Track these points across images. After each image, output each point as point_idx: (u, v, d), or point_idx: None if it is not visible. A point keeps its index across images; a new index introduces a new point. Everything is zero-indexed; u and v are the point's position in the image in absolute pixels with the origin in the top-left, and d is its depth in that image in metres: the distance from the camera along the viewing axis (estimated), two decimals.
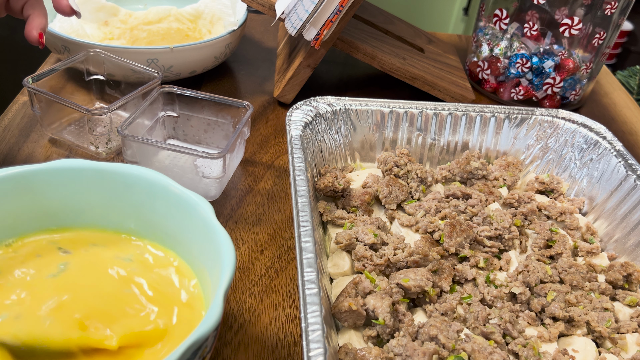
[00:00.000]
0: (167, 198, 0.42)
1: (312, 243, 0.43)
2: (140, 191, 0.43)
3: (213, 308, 0.33)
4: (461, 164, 0.59)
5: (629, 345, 0.45)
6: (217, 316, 0.33)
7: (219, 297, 0.34)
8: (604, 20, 0.75)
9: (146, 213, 0.44)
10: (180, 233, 0.43)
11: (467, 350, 0.40)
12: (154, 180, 0.43)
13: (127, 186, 0.43)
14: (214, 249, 0.39)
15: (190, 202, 0.41)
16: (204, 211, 0.41)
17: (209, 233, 0.39)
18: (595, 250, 0.53)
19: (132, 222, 0.45)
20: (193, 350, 0.31)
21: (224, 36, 0.75)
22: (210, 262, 0.40)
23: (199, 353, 0.33)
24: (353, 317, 0.42)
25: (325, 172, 0.57)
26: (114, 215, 0.44)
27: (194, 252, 0.42)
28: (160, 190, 0.43)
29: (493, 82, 0.83)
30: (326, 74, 0.87)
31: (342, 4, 0.65)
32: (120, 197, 0.44)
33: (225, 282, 0.35)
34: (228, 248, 0.37)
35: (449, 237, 0.49)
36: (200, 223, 0.40)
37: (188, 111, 0.63)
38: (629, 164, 0.56)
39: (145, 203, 0.43)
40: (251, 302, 0.49)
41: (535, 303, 0.46)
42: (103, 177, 0.43)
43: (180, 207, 0.42)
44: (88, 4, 0.82)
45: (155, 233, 0.44)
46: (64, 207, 0.44)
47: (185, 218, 0.42)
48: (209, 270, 0.40)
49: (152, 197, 0.43)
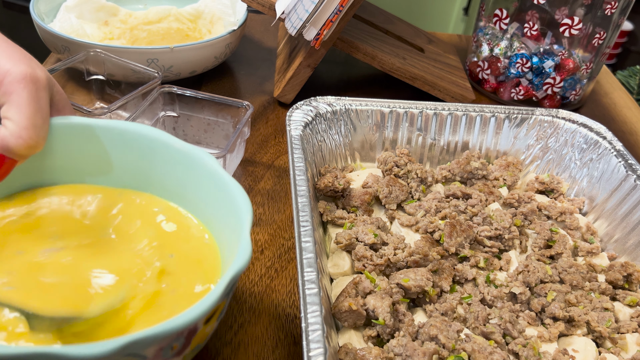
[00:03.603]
0: (168, 154, 0.42)
1: (312, 243, 0.43)
2: (140, 148, 0.43)
3: (243, 244, 0.35)
4: (461, 164, 0.59)
5: (629, 345, 0.45)
6: (249, 251, 0.34)
7: (245, 234, 0.35)
8: (604, 20, 0.75)
9: (147, 170, 0.43)
10: (185, 188, 0.42)
11: (467, 350, 0.40)
12: (154, 137, 0.42)
13: (126, 143, 0.43)
14: (225, 197, 0.39)
15: (194, 156, 0.41)
16: (209, 163, 0.40)
17: (218, 183, 0.40)
18: (595, 250, 0.53)
19: (134, 179, 0.44)
20: (232, 283, 0.33)
21: (224, 36, 0.75)
22: (222, 212, 0.40)
23: (232, 289, 0.35)
24: (353, 317, 0.42)
25: (325, 172, 0.57)
26: (115, 173, 0.44)
27: (203, 205, 0.42)
28: (160, 147, 0.42)
29: (493, 82, 0.83)
30: (326, 74, 0.87)
31: (342, 4, 0.65)
32: (120, 154, 0.43)
33: (248, 222, 0.36)
34: (240, 193, 0.38)
35: (449, 237, 0.49)
36: (207, 175, 0.40)
37: (188, 111, 0.63)
38: (629, 164, 0.56)
39: (146, 160, 0.43)
40: (251, 302, 0.49)
41: (535, 303, 0.46)
42: (100, 133, 0.42)
43: (184, 162, 0.41)
44: (88, 4, 0.82)
45: (158, 190, 0.44)
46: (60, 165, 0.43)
47: (191, 173, 0.41)
48: (222, 220, 0.40)
49: (151, 154, 0.43)
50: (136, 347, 0.30)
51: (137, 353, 0.31)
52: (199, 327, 0.34)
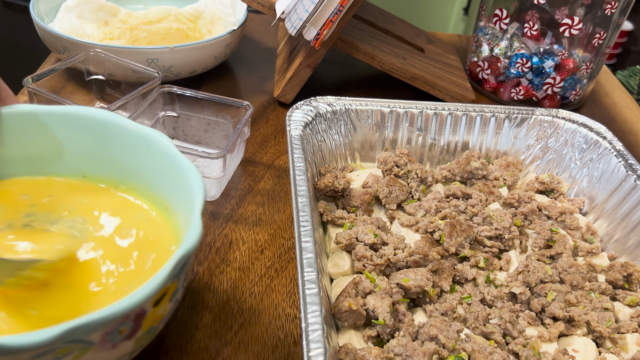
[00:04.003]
0: (123, 137, 0.42)
1: (312, 243, 0.43)
2: (94, 133, 0.42)
3: (193, 224, 0.34)
4: (461, 164, 0.59)
5: (629, 345, 0.45)
6: (198, 231, 0.34)
7: (196, 214, 0.35)
8: (604, 20, 0.75)
9: (104, 154, 0.43)
10: (143, 169, 0.42)
11: (467, 350, 0.40)
12: (108, 120, 0.42)
13: (79, 128, 0.42)
14: (179, 177, 0.39)
15: (149, 137, 0.41)
16: (164, 144, 0.40)
17: (173, 164, 0.39)
18: (596, 250, 0.53)
19: (88, 165, 0.44)
20: (181, 264, 0.33)
21: (224, 36, 0.75)
22: (178, 192, 0.40)
23: (184, 270, 0.35)
24: (353, 317, 0.42)
25: (325, 172, 0.57)
26: (69, 161, 0.44)
27: (160, 186, 0.42)
28: (115, 130, 0.42)
29: (493, 82, 0.83)
30: (326, 74, 0.87)
31: (342, 4, 0.65)
32: (72, 140, 0.43)
33: (200, 202, 0.36)
34: (193, 173, 0.38)
35: (449, 237, 0.49)
36: (162, 156, 0.40)
37: (188, 111, 0.63)
38: (629, 163, 0.56)
39: (100, 144, 0.43)
40: (251, 302, 0.49)
41: (535, 303, 0.46)
42: (48, 120, 0.42)
43: (139, 144, 0.41)
44: (88, 4, 0.82)
45: (118, 172, 0.44)
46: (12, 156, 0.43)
47: (146, 154, 0.41)
48: (179, 199, 0.40)
49: (106, 137, 0.42)
50: (78, 334, 0.29)
51: (80, 339, 0.30)
52: (147, 309, 0.33)
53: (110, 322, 0.30)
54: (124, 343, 0.33)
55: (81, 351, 0.31)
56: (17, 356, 0.28)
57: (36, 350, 0.28)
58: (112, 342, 0.32)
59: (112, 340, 0.32)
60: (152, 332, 0.36)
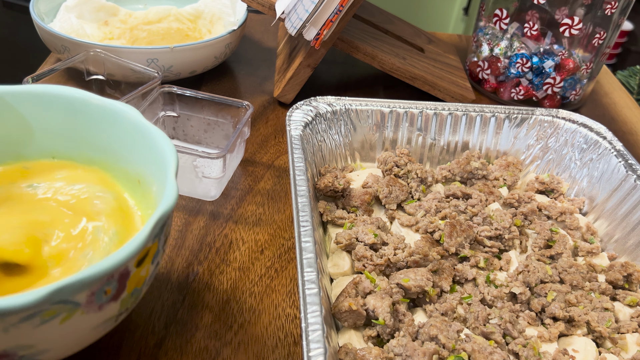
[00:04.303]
0: (89, 112, 0.42)
1: (312, 243, 0.43)
2: (60, 110, 0.42)
3: (169, 187, 0.35)
4: (461, 164, 0.59)
5: (629, 345, 0.45)
6: (174, 193, 0.35)
7: (170, 178, 0.36)
8: (604, 20, 0.75)
9: (72, 131, 0.43)
10: (113, 143, 0.42)
11: (467, 350, 0.40)
12: (73, 96, 0.42)
13: (45, 107, 0.42)
14: (150, 147, 0.39)
15: (116, 110, 0.41)
16: (132, 116, 0.40)
17: (142, 134, 0.40)
18: (596, 250, 0.53)
19: (57, 144, 0.44)
20: (160, 225, 0.33)
21: (224, 36, 0.75)
22: (150, 161, 0.40)
23: (164, 231, 0.36)
24: (353, 317, 0.42)
25: (325, 172, 0.57)
26: (38, 142, 0.44)
27: (132, 157, 0.42)
28: (80, 106, 0.42)
29: (493, 82, 0.83)
30: (326, 74, 0.86)
31: (342, 3, 0.65)
32: (40, 119, 0.43)
33: (173, 166, 0.37)
34: (164, 140, 0.38)
35: (449, 237, 0.49)
36: (131, 128, 0.40)
37: (188, 111, 0.63)
38: (629, 164, 0.56)
39: (68, 121, 0.43)
40: (251, 302, 0.49)
41: (536, 303, 0.46)
42: (12, 100, 0.42)
43: (106, 118, 0.41)
44: (88, 4, 0.82)
45: (83, 151, 0.44)
46: None
47: (115, 127, 0.41)
48: (151, 169, 0.40)
49: (73, 114, 0.42)
50: (65, 294, 0.29)
51: (67, 299, 0.30)
52: (130, 269, 0.33)
53: (96, 282, 0.31)
54: (110, 304, 0.33)
55: (69, 313, 0.31)
56: (5, 319, 0.29)
57: (24, 312, 0.29)
58: (98, 303, 0.32)
59: (98, 301, 0.32)
60: (136, 294, 0.36)
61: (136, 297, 0.37)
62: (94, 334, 0.35)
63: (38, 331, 0.30)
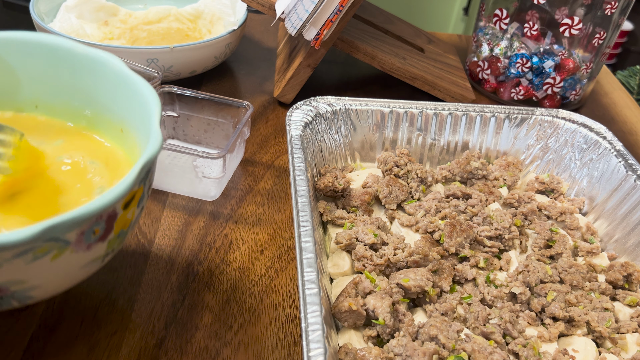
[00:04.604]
0: (73, 60, 0.42)
1: (312, 243, 0.43)
2: (43, 57, 0.42)
3: (153, 133, 0.36)
4: (461, 164, 0.59)
5: (629, 345, 0.45)
6: (159, 139, 0.36)
7: (154, 125, 0.37)
8: (604, 20, 0.75)
9: (55, 79, 0.43)
10: (96, 92, 0.43)
11: (467, 350, 0.40)
12: (56, 44, 0.42)
13: (28, 54, 0.42)
14: (133, 95, 0.40)
15: (98, 58, 0.41)
16: (114, 64, 0.41)
17: (125, 82, 0.40)
18: (595, 250, 0.53)
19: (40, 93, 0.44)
20: (146, 170, 0.35)
21: (224, 36, 0.75)
22: (134, 109, 0.41)
23: (149, 177, 0.37)
24: (353, 317, 0.42)
25: (325, 172, 0.57)
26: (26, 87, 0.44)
27: (116, 106, 0.43)
28: (64, 54, 0.42)
29: (493, 82, 0.83)
30: (326, 74, 0.86)
31: (342, 3, 0.65)
32: (24, 67, 0.43)
33: (156, 113, 0.37)
34: (147, 88, 0.39)
35: (449, 237, 0.49)
36: (113, 76, 0.41)
37: (188, 111, 0.63)
38: (629, 164, 0.56)
39: (51, 69, 0.43)
40: (251, 302, 0.49)
41: (535, 303, 0.46)
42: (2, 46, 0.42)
43: (89, 66, 0.42)
44: (88, 4, 0.82)
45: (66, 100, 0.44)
46: None
47: (98, 75, 0.42)
48: (135, 117, 0.41)
49: (56, 61, 0.42)
50: (56, 231, 0.30)
51: (58, 237, 0.31)
52: (117, 211, 0.35)
53: (85, 221, 0.32)
54: (98, 244, 0.35)
55: (59, 250, 0.32)
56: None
57: (17, 248, 0.30)
58: (87, 243, 0.34)
59: (87, 241, 0.34)
60: (122, 236, 0.38)
61: (122, 239, 0.38)
62: (82, 272, 0.36)
63: (30, 267, 0.32)
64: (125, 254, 0.52)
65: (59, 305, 0.46)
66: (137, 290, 0.49)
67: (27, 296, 0.34)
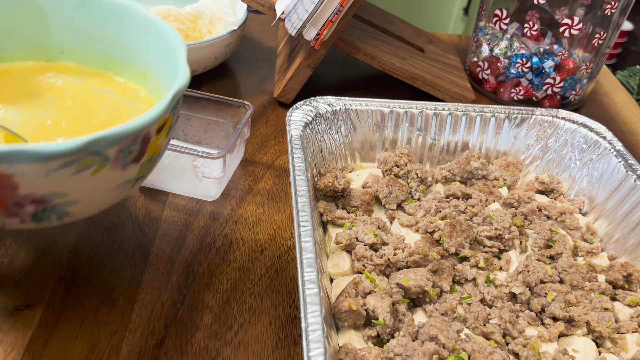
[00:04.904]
0: (99, 7, 0.44)
1: (312, 243, 0.43)
2: (71, 5, 0.45)
3: (181, 69, 0.39)
4: (461, 164, 0.59)
5: (629, 345, 0.45)
6: (187, 73, 0.38)
7: (182, 61, 0.39)
8: (604, 20, 0.75)
9: (82, 25, 0.46)
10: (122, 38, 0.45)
11: (467, 350, 0.40)
12: None
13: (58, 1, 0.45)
14: (159, 39, 0.42)
15: (123, 5, 0.44)
16: (141, 11, 0.43)
17: (150, 28, 0.42)
18: (595, 250, 0.53)
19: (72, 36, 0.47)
20: (176, 99, 0.37)
21: (224, 36, 0.75)
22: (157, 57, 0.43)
23: (177, 109, 0.40)
24: (353, 317, 0.42)
25: (325, 172, 0.57)
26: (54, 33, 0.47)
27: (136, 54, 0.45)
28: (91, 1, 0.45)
29: (493, 82, 0.83)
30: (326, 74, 0.87)
31: (342, 4, 0.65)
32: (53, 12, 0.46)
33: (183, 52, 0.40)
34: (172, 31, 0.41)
35: (449, 237, 0.49)
36: (139, 22, 0.43)
37: (188, 111, 0.63)
38: (629, 164, 0.56)
39: (77, 17, 0.45)
40: (251, 302, 0.49)
41: (535, 303, 0.46)
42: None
43: (115, 13, 0.44)
44: None
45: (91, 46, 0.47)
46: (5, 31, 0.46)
47: (123, 22, 0.44)
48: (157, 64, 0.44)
49: (83, 7, 0.45)
50: (99, 145, 0.33)
51: (100, 151, 0.34)
52: (151, 134, 0.37)
53: (125, 138, 0.35)
54: (132, 166, 0.38)
55: (99, 165, 0.35)
56: (48, 163, 0.32)
57: (65, 157, 0.32)
58: (123, 162, 0.37)
59: (124, 160, 0.36)
60: (152, 162, 0.41)
61: (151, 166, 0.41)
62: (115, 194, 0.39)
63: (72, 180, 0.34)
64: (125, 254, 0.52)
65: (59, 305, 0.46)
66: (137, 290, 0.49)
67: (65, 211, 0.37)
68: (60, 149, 0.31)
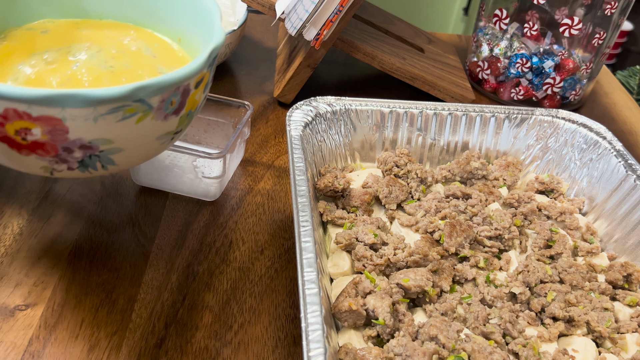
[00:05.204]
0: None
1: (312, 243, 0.43)
2: None
3: (216, 30, 0.41)
4: (461, 164, 0.59)
5: (629, 345, 0.45)
6: (222, 33, 0.40)
7: (217, 23, 0.41)
8: (604, 20, 0.75)
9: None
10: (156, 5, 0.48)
11: (467, 350, 0.40)
12: None
13: None
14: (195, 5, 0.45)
15: None
16: None
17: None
18: (595, 250, 0.53)
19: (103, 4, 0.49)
20: (213, 56, 0.39)
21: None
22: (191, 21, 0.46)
23: (213, 67, 0.42)
24: (353, 317, 0.42)
25: (325, 172, 0.57)
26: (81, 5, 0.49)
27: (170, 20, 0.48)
28: None
29: (493, 82, 0.83)
30: (326, 74, 0.87)
31: (342, 4, 0.65)
32: None
33: (218, 16, 0.42)
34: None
35: (449, 237, 0.49)
36: None
37: None
38: (629, 164, 0.56)
39: None
40: (251, 302, 0.49)
41: (535, 303, 0.46)
42: None
43: None
44: None
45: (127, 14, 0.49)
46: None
47: None
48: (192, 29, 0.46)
49: None
50: (144, 93, 0.35)
51: (144, 99, 0.35)
52: (191, 87, 0.39)
53: (168, 87, 0.36)
54: (172, 117, 0.39)
55: (143, 114, 0.36)
56: (97, 108, 0.34)
57: (112, 103, 0.34)
58: (164, 112, 0.38)
59: (166, 110, 0.38)
60: (190, 117, 0.42)
61: (189, 121, 0.42)
62: (156, 145, 0.41)
63: (118, 127, 0.36)
64: (125, 254, 0.52)
65: (59, 305, 0.46)
66: (137, 290, 0.49)
67: (110, 159, 0.38)
68: (109, 94, 0.33)
